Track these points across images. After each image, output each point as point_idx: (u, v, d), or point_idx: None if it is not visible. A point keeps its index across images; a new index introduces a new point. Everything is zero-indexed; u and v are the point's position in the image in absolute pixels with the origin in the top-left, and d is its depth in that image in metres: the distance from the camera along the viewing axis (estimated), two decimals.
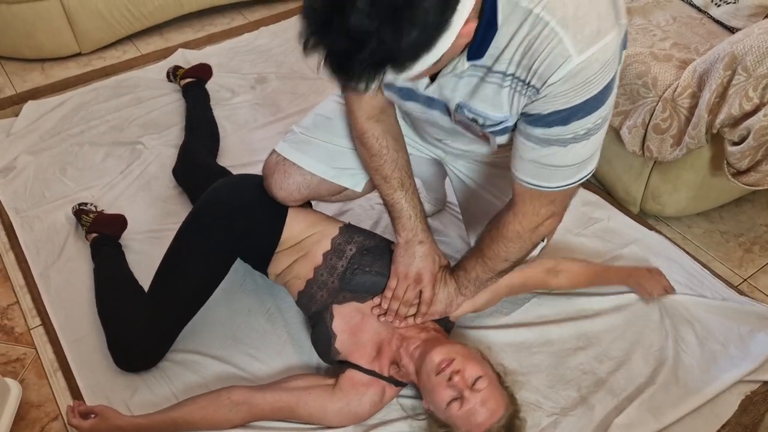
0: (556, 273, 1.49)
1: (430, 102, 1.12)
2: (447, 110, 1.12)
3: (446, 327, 1.41)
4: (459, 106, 1.07)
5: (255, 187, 1.48)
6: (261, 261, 1.48)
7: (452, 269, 1.39)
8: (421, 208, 1.34)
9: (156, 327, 1.43)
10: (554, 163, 1.03)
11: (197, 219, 1.46)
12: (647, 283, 1.59)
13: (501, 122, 1.04)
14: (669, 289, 1.60)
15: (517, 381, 1.41)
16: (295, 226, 1.45)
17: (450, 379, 1.19)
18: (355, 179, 1.43)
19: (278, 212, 1.45)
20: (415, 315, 1.36)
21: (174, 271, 1.43)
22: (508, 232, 1.18)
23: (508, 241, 1.19)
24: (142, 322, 1.42)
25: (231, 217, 1.43)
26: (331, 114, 1.41)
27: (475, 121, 1.08)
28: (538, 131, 1.00)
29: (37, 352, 1.54)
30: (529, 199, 1.11)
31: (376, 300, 1.37)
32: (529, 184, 1.08)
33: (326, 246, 1.42)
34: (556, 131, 0.98)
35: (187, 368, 1.48)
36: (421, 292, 1.35)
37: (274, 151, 1.45)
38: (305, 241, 1.44)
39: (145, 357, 1.45)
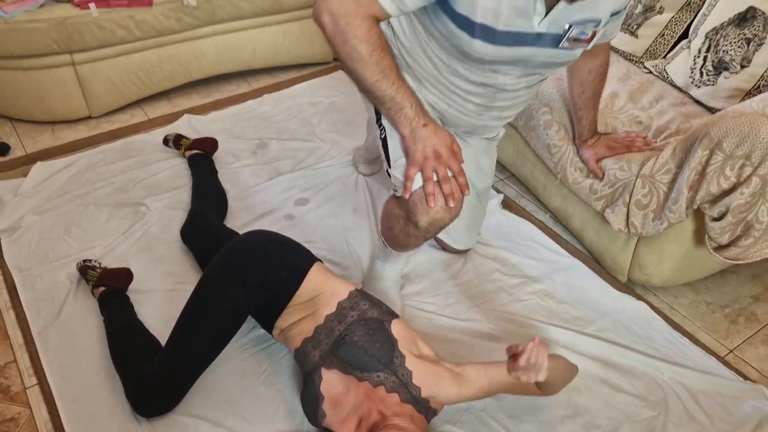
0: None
1: (537, 39, 1.34)
2: (555, 40, 1.35)
3: (427, 414, 1.38)
4: (571, 26, 1.33)
5: (273, 241, 1.56)
6: (271, 314, 1.52)
7: (579, 144, 1.89)
8: (417, 98, 1.40)
9: (173, 376, 1.48)
10: (622, 21, 1.57)
11: (218, 271, 1.52)
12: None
13: (599, 22, 1.37)
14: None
15: None
16: (311, 282, 1.51)
17: None
18: None
19: (297, 267, 1.52)
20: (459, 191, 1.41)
21: (192, 322, 1.48)
22: (607, 62, 1.77)
23: (609, 65, 1.80)
24: (160, 371, 1.47)
25: (250, 271, 1.49)
26: None
27: (583, 33, 1.37)
28: (622, 14, 1.51)
29: (31, 412, 1.55)
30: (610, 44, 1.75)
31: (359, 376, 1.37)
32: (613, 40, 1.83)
33: (332, 308, 1.47)
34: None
35: (179, 431, 1.48)
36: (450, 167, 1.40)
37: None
38: (316, 300, 1.49)
39: (162, 404, 1.50)
